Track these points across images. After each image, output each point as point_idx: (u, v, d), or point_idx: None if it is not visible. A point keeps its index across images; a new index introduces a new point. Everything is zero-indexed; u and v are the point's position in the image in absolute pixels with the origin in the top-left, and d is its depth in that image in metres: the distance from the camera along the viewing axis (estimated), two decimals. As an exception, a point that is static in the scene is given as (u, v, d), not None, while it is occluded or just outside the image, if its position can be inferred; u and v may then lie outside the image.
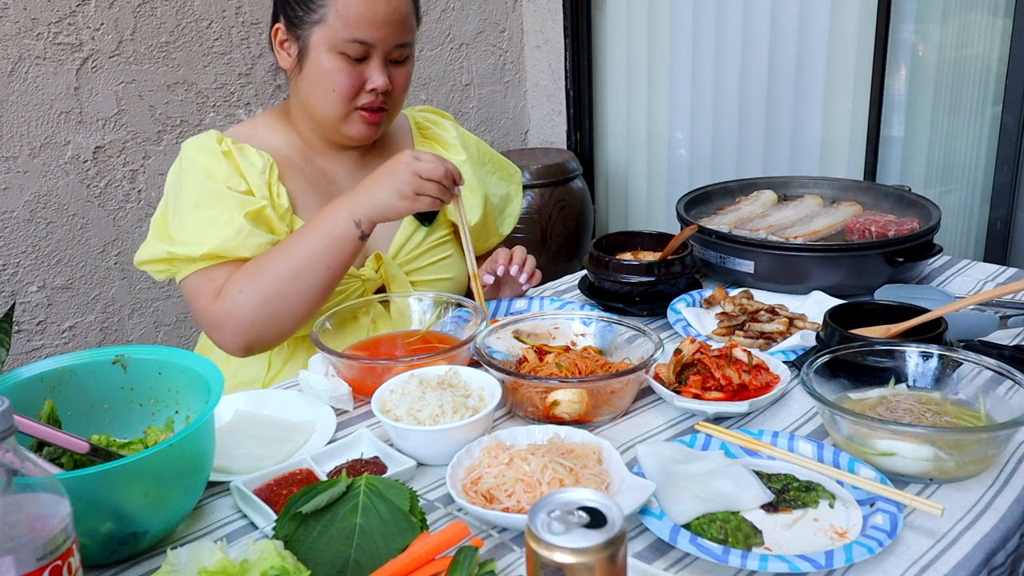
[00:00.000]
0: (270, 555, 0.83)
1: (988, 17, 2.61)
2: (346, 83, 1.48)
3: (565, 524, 0.65)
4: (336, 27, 1.45)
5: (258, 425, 1.21)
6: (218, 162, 1.47)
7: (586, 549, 0.63)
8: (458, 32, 3.44)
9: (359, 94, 1.50)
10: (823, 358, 1.15)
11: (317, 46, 1.48)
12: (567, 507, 0.66)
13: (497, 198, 1.81)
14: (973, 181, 2.74)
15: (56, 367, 1.06)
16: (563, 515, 0.66)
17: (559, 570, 0.63)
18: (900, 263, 1.55)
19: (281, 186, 1.50)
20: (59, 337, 2.58)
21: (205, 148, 1.49)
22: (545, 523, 0.65)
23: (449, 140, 1.73)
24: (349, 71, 1.48)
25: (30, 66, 2.38)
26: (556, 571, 0.63)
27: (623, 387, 1.20)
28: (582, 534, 0.64)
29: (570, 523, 0.65)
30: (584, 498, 0.67)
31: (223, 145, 1.50)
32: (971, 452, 1.02)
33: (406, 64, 1.55)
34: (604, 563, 0.63)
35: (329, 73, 1.48)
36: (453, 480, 1.01)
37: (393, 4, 1.47)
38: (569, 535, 0.64)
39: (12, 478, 0.69)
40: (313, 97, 1.52)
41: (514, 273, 1.57)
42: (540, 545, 0.64)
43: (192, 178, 1.47)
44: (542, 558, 0.64)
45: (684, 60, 3.30)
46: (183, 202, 1.45)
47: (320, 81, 1.49)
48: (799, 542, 0.93)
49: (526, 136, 3.84)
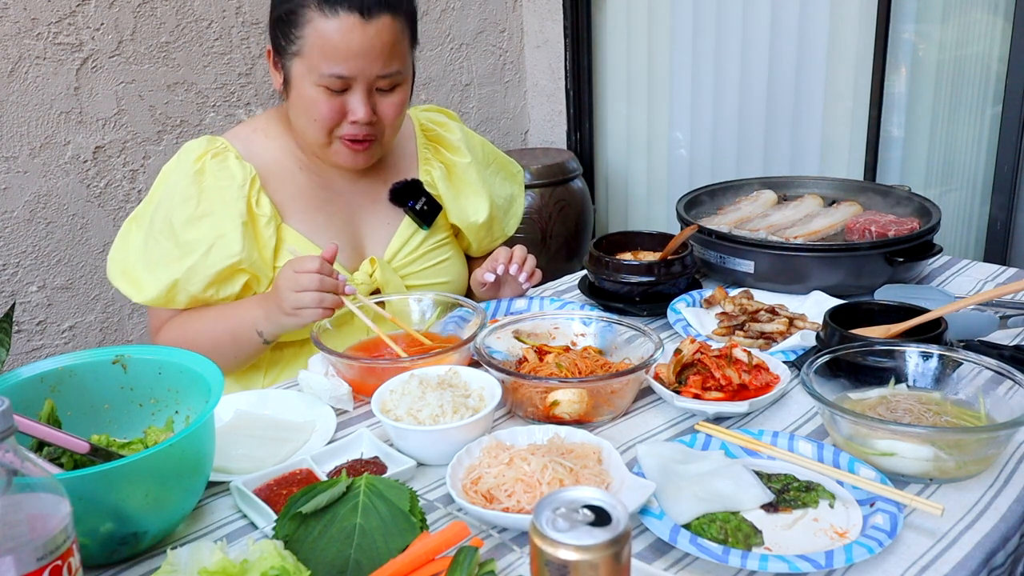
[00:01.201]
0: (270, 555, 0.83)
1: (988, 17, 2.61)
2: (327, 114, 1.45)
3: (570, 522, 0.65)
4: (313, 59, 1.42)
5: (258, 425, 1.21)
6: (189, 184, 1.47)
7: (591, 547, 0.63)
8: (458, 32, 3.44)
9: (341, 124, 1.47)
10: (823, 358, 1.15)
11: (298, 77, 1.46)
12: (572, 505, 0.66)
13: (502, 199, 1.79)
14: (973, 181, 2.74)
15: (56, 367, 1.06)
16: (568, 513, 0.66)
17: (564, 567, 0.63)
18: (900, 263, 1.55)
19: (264, 196, 1.49)
20: (59, 337, 2.58)
21: (181, 169, 1.49)
22: (550, 520, 0.65)
23: (454, 142, 1.71)
24: (330, 102, 1.45)
25: (30, 66, 2.38)
26: (561, 568, 0.63)
27: (623, 387, 1.20)
28: (587, 532, 0.64)
29: (575, 521, 0.65)
30: (589, 496, 0.67)
31: (200, 163, 1.48)
32: (971, 452, 1.02)
33: (394, 93, 1.49)
34: (609, 561, 0.63)
35: (311, 103, 1.45)
36: (453, 480, 1.01)
37: (371, 34, 1.40)
38: (574, 533, 0.64)
39: (12, 478, 0.69)
40: (299, 124, 1.51)
41: (514, 272, 1.56)
42: (545, 542, 0.64)
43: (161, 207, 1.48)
44: (547, 555, 0.64)
45: (684, 60, 3.29)
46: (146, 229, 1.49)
47: (304, 111, 1.47)
48: (799, 542, 0.93)
49: (526, 136, 3.84)
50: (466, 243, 1.75)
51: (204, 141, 1.52)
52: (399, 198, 1.62)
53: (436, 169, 1.68)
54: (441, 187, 1.67)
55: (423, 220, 1.63)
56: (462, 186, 1.70)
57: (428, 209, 1.63)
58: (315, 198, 1.56)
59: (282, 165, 1.55)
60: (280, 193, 1.53)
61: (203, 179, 1.48)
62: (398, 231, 1.62)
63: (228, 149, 1.51)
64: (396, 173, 1.65)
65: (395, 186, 1.62)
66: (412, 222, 1.63)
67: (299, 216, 1.53)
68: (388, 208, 1.62)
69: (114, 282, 1.52)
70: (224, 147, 1.51)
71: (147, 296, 1.47)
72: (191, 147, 1.51)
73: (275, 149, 1.56)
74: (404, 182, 1.62)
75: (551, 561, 0.63)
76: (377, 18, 1.41)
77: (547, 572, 0.64)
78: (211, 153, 1.50)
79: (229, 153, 1.50)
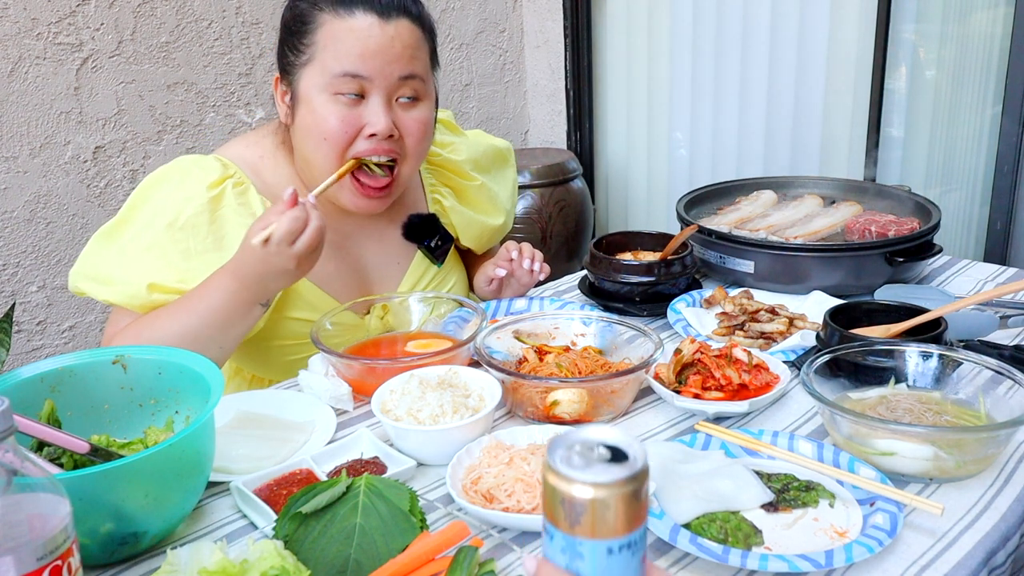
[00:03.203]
0: (270, 555, 0.83)
1: (988, 17, 2.61)
2: (338, 129, 1.30)
3: (586, 460, 0.61)
4: (325, 63, 1.30)
5: (258, 425, 1.21)
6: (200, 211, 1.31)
7: (610, 483, 0.59)
8: (458, 32, 3.44)
9: (353, 143, 1.32)
10: (823, 358, 1.15)
11: (308, 91, 1.33)
12: (587, 444, 0.63)
13: (507, 198, 1.75)
14: (973, 181, 2.74)
15: (56, 367, 1.06)
16: (584, 451, 0.62)
17: (580, 505, 0.60)
18: (900, 263, 1.55)
19: None
20: (59, 337, 2.58)
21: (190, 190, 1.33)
22: (565, 458, 0.61)
23: (462, 168, 1.61)
24: (342, 115, 1.30)
25: (30, 66, 2.38)
26: (577, 507, 0.60)
27: (623, 387, 1.20)
28: (604, 468, 0.60)
29: (591, 459, 0.61)
30: (605, 436, 0.63)
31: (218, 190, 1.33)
32: (971, 452, 1.02)
33: (417, 108, 1.34)
34: (627, 498, 0.60)
35: (321, 119, 1.31)
36: (453, 480, 1.01)
37: (390, 33, 1.29)
38: (591, 470, 0.60)
39: (12, 478, 0.69)
40: (306, 150, 1.36)
41: (526, 267, 1.54)
42: (560, 480, 0.60)
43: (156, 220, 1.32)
44: (561, 493, 0.60)
45: (684, 60, 3.30)
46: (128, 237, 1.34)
47: (311, 131, 1.33)
48: (799, 542, 0.93)
49: (526, 136, 3.84)
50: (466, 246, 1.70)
51: (215, 163, 1.38)
52: (414, 235, 1.52)
53: (446, 197, 1.60)
54: (452, 213, 1.60)
55: (437, 258, 1.56)
56: (475, 206, 1.65)
57: (442, 244, 1.56)
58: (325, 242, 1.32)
59: None
60: None
61: (219, 207, 1.34)
62: (410, 269, 1.54)
63: (247, 180, 1.39)
64: (402, 206, 1.54)
65: (411, 221, 1.51)
66: (423, 258, 1.56)
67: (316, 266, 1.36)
68: (398, 245, 1.54)
69: (78, 285, 1.35)
70: (241, 178, 1.39)
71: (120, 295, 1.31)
72: (201, 167, 1.38)
73: (282, 182, 1.42)
74: (419, 217, 1.52)
75: (565, 499, 0.60)
76: (396, 20, 1.31)
77: (561, 512, 0.60)
78: (232, 182, 1.37)
79: (250, 186, 1.39)
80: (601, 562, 0.59)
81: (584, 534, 0.59)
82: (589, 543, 0.59)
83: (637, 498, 0.60)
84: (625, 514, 0.60)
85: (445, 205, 1.61)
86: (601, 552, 0.59)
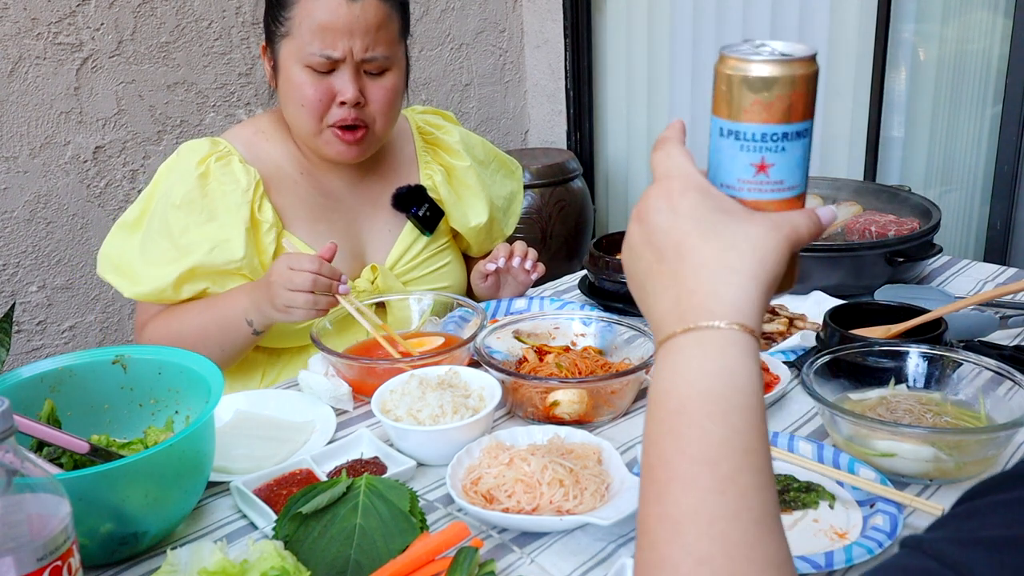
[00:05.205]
0: (270, 555, 0.83)
1: (988, 17, 2.61)
2: (313, 97, 1.44)
3: (759, 53, 0.63)
4: (301, 38, 1.42)
5: (258, 425, 1.21)
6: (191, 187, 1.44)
7: (796, 59, 0.61)
8: (458, 32, 3.44)
9: (329, 109, 1.46)
10: (823, 358, 1.15)
11: (286, 60, 1.46)
12: (759, 44, 0.65)
13: (502, 199, 1.78)
14: (973, 181, 2.74)
15: (56, 367, 1.06)
16: (756, 48, 0.64)
17: (764, 83, 0.61)
18: (900, 263, 1.55)
19: (266, 202, 1.48)
20: (59, 337, 2.58)
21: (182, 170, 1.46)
22: (741, 49, 0.63)
23: (453, 145, 1.69)
24: (316, 84, 1.44)
25: (30, 66, 2.38)
26: (759, 87, 0.61)
27: (623, 387, 1.20)
28: (782, 52, 0.63)
29: (765, 52, 0.63)
30: (773, 43, 0.65)
31: (204, 166, 1.46)
32: (971, 453, 1.02)
33: (384, 78, 1.48)
34: (807, 81, 0.62)
35: (297, 87, 1.44)
36: (453, 480, 1.01)
37: (356, 12, 1.41)
38: (783, 51, 0.63)
39: (12, 478, 0.69)
40: (288, 114, 1.50)
41: (516, 265, 1.55)
42: (742, 62, 0.62)
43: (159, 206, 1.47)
44: (744, 76, 0.62)
45: (684, 60, 3.30)
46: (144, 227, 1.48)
47: (290, 97, 1.47)
48: (799, 543, 0.93)
49: (526, 136, 3.84)
50: (465, 244, 1.74)
51: (207, 143, 1.50)
52: (402, 204, 1.60)
53: (437, 173, 1.67)
54: (442, 191, 1.66)
55: (426, 227, 1.61)
56: (462, 189, 1.69)
57: (430, 215, 1.61)
58: (316, 205, 1.55)
59: (284, 171, 1.54)
60: (282, 199, 1.52)
61: (207, 182, 1.46)
62: (400, 237, 1.61)
63: (232, 152, 1.49)
64: (396, 177, 1.64)
65: (398, 191, 1.61)
66: (414, 228, 1.62)
67: (301, 223, 1.52)
68: (389, 214, 1.61)
69: (105, 276, 1.51)
70: (228, 150, 1.49)
71: (141, 290, 1.46)
72: (192, 148, 1.50)
73: (277, 154, 1.54)
74: (407, 188, 1.61)
75: (747, 79, 0.62)
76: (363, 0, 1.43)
77: (735, 95, 0.63)
78: (215, 156, 1.47)
79: (233, 157, 1.48)
80: (793, 144, 0.63)
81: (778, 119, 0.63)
82: (783, 127, 0.63)
83: (814, 83, 0.63)
84: (803, 98, 0.63)
85: (436, 180, 1.67)
86: (792, 135, 0.63)
